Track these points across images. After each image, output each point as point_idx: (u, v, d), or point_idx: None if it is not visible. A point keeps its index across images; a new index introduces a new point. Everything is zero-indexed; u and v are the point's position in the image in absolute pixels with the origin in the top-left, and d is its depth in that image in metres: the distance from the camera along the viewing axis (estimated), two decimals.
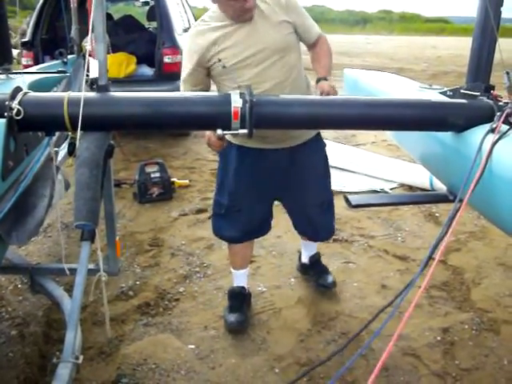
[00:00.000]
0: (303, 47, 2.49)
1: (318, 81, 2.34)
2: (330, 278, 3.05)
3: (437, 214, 4.22)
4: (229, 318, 2.74)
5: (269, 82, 2.30)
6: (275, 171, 2.53)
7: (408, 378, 2.39)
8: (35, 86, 2.38)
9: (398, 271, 3.34)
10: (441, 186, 4.28)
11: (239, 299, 2.85)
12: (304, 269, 3.20)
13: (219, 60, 2.29)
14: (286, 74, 2.36)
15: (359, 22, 46.91)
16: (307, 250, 3.13)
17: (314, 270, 3.13)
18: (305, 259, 3.15)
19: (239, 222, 2.61)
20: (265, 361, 2.50)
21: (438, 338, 2.66)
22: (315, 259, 3.14)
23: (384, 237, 3.86)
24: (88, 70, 2.10)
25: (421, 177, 4.65)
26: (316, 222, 2.77)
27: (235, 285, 2.90)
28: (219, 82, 2.39)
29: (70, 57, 3.71)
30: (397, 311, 1.40)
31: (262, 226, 2.76)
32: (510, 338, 2.67)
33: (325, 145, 2.70)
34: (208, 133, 2.20)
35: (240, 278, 2.89)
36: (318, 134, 2.64)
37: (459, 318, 2.84)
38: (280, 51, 2.32)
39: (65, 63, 3.59)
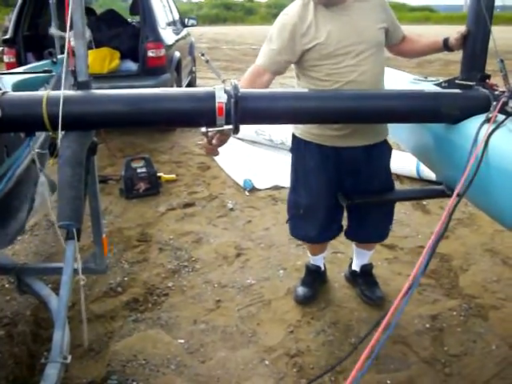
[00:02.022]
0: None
1: (446, 40, 2.36)
2: (378, 292, 2.89)
3: (424, 203, 4.23)
4: (298, 290, 2.93)
5: (364, 74, 2.28)
6: (350, 170, 2.50)
7: (398, 366, 2.40)
8: (20, 86, 2.34)
9: (386, 260, 3.35)
10: (428, 174, 4.31)
11: (312, 276, 2.99)
12: (353, 276, 3.04)
13: (320, 43, 2.25)
14: (379, 69, 2.38)
15: None
16: (359, 258, 2.99)
17: (363, 280, 2.97)
18: (355, 267, 3.02)
19: (317, 219, 2.60)
20: (255, 353, 2.51)
21: (427, 326, 2.68)
22: (367, 269, 2.99)
23: None
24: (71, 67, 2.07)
25: (408, 165, 4.67)
26: (371, 223, 2.69)
27: (312, 263, 3.01)
28: (310, 68, 2.33)
29: (59, 56, 3.64)
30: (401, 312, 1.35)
31: (337, 225, 2.70)
32: (497, 323, 2.69)
33: (391, 150, 2.67)
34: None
35: (317, 260, 3.00)
36: (386, 139, 2.60)
37: (447, 304, 2.86)
38: (376, 46, 2.33)
39: (54, 63, 3.52)
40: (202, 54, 2.24)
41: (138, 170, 4.51)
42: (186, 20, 8.55)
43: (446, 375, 2.34)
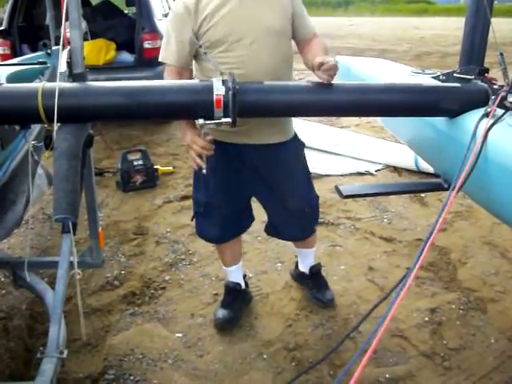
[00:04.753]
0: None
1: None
2: (329, 295, 2.82)
3: (422, 195, 4.22)
4: (217, 313, 2.68)
5: (258, 66, 2.11)
6: (250, 169, 2.36)
7: (397, 360, 2.39)
8: (14, 78, 2.31)
9: (384, 253, 3.34)
10: (426, 167, 4.29)
11: (232, 295, 2.74)
12: (302, 278, 2.95)
13: (211, 27, 2.08)
14: (278, 61, 2.16)
15: (341, 3, 46.59)
16: (303, 258, 2.90)
17: (313, 282, 2.88)
18: (303, 268, 2.92)
19: (219, 218, 2.46)
20: (253, 347, 2.49)
21: (426, 319, 2.67)
22: (316, 270, 2.89)
23: (370, 219, 3.85)
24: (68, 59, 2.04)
25: (406, 157, 4.65)
26: (291, 223, 2.57)
27: (230, 280, 2.78)
28: (203, 57, 2.15)
29: (54, 48, 3.60)
30: (394, 304, 1.32)
31: (242, 222, 2.61)
32: (496, 316, 2.68)
33: (303, 147, 2.50)
34: (189, 138, 2.04)
35: (234, 274, 2.77)
36: (296, 135, 2.44)
37: (446, 298, 2.85)
38: (276, 34, 2.13)
39: (49, 54, 3.48)
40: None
41: (135, 163, 4.48)
42: None
43: (446, 369, 2.33)
